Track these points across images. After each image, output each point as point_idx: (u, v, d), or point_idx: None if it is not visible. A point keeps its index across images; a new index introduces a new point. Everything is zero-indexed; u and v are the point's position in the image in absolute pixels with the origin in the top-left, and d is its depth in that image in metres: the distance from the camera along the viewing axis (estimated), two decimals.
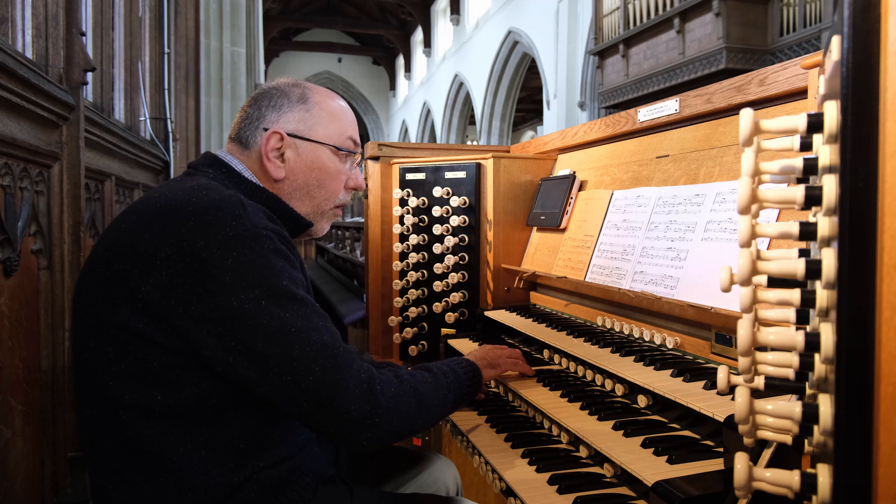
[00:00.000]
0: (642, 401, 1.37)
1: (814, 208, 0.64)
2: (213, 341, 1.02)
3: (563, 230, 2.08)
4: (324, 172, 1.32)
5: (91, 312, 1.09)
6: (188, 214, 1.05)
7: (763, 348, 0.63)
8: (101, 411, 1.08)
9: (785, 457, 0.76)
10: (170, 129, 4.56)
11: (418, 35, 23.98)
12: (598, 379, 1.52)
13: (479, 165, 2.30)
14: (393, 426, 1.12)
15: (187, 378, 1.05)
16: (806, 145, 0.63)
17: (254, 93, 1.36)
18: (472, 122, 20.17)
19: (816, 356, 0.60)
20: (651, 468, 1.09)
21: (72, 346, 1.14)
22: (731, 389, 0.66)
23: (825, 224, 0.57)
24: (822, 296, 0.57)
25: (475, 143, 23.91)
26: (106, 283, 1.07)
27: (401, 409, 1.14)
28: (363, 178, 1.40)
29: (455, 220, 2.28)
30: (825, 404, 0.56)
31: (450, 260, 2.29)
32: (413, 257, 2.39)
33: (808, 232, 0.59)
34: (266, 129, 1.28)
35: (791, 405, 0.59)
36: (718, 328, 1.37)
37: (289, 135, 1.29)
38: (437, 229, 2.36)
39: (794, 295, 0.60)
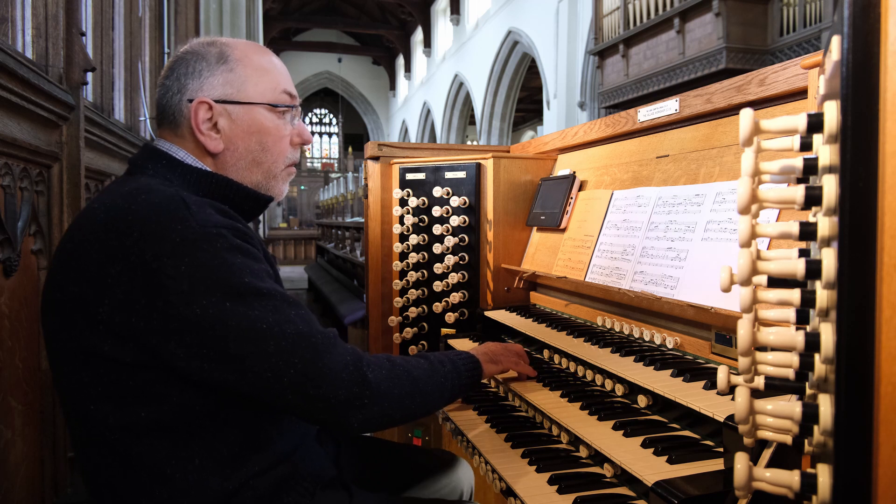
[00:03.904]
0: (642, 401, 1.37)
1: (814, 208, 0.64)
2: (183, 352, 0.98)
3: (563, 230, 2.08)
4: (265, 134, 1.21)
5: (58, 339, 1.05)
6: (130, 225, 0.98)
7: (763, 348, 0.63)
8: (90, 433, 1.05)
9: (785, 457, 0.76)
10: None
11: (418, 35, 23.98)
12: (598, 379, 1.52)
13: (479, 165, 2.30)
14: (384, 408, 1.08)
15: (168, 390, 1.01)
16: (806, 145, 0.63)
17: (168, 60, 1.23)
18: (472, 122, 20.16)
19: (816, 356, 0.60)
20: (651, 468, 1.09)
21: (52, 372, 1.10)
22: (731, 389, 0.66)
23: (825, 224, 0.57)
24: (822, 296, 0.57)
25: (475, 143, 23.91)
26: (64, 308, 1.02)
27: (392, 391, 1.10)
28: (308, 131, 1.31)
29: (455, 220, 2.28)
30: (825, 404, 0.56)
31: (450, 260, 2.29)
32: (413, 257, 2.39)
33: (808, 232, 0.59)
34: (191, 101, 1.17)
35: (791, 405, 0.59)
36: (718, 328, 1.37)
37: (217, 101, 1.17)
38: (437, 229, 2.36)
39: (794, 295, 0.60)
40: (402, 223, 2.43)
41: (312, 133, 28.10)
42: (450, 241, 2.31)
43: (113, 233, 0.99)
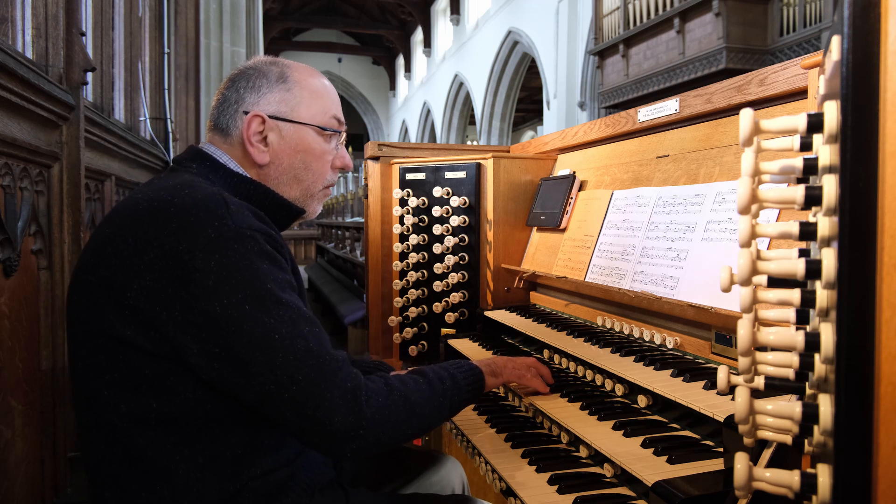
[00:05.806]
0: (642, 401, 1.37)
1: (814, 208, 0.64)
2: (197, 347, 0.99)
3: (563, 230, 2.08)
4: (309, 154, 1.27)
5: (81, 321, 1.06)
6: (170, 216, 1.01)
7: (763, 348, 0.63)
8: (97, 420, 1.06)
9: (785, 457, 0.76)
10: (170, 129, 4.55)
11: (418, 35, 23.97)
12: (598, 379, 1.52)
13: (479, 165, 2.30)
14: (378, 437, 1.08)
15: (181, 385, 1.02)
16: (806, 145, 0.63)
17: (230, 73, 1.29)
18: (472, 122, 20.16)
19: (816, 356, 0.60)
20: (651, 468, 1.09)
21: (68, 355, 1.13)
22: (731, 389, 0.66)
23: (825, 224, 0.57)
24: (822, 296, 0.57)
25: (475, 143, 23.91)
26: (93, 290, 1.04)
27: (388, 420, 1.09)
28: (349, 157, 1.37)
29: (455, 220, 2.28)
30: (825, 404, 0.56)
31: (450, 260, 2.29)
32: (413, 257, 2.39)
33: (808, 232, 0.59)
34: (246, 113, 1.22)
35: (791, 405, 0.59)
36: (718, 328, 1.37)
37: (270, 117, 1.23)
38: (437, 229, 2.36)
39: (794, 295, 0.60)
40: (402, 223, 2.43)
41: None
42: (450, 241, 2.31)
43: (152, 222, 1.02)
